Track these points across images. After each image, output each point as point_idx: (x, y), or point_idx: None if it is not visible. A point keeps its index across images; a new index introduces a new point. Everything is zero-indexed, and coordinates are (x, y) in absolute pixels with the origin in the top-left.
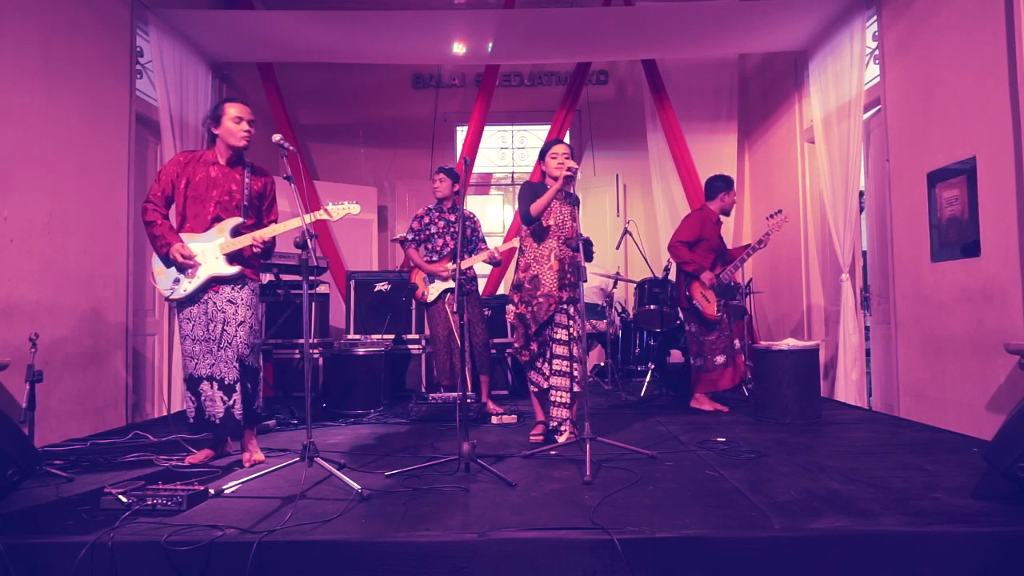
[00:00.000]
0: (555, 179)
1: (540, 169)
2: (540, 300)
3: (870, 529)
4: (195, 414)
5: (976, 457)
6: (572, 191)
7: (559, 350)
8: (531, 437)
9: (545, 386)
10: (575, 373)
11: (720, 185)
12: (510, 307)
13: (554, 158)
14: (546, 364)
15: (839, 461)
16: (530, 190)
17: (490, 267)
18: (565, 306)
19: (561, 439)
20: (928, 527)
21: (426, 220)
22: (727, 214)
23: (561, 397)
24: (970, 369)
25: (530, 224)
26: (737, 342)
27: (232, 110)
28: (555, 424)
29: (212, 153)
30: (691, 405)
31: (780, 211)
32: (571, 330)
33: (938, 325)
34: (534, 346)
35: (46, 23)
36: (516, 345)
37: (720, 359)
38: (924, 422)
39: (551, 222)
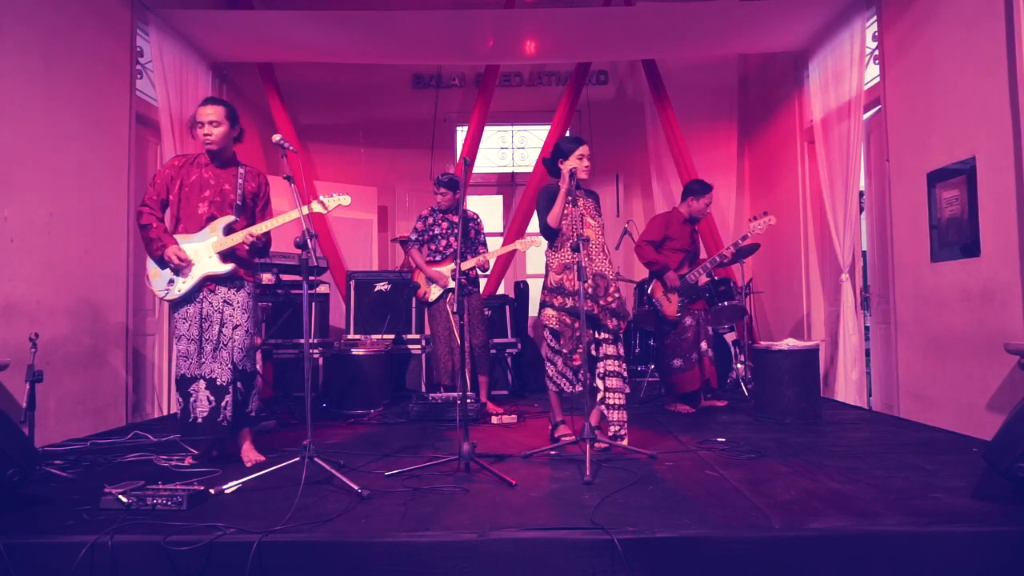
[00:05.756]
0: (571, 179)
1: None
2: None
3: (870, 529)
4: (180, 415)
5: (976, 457)
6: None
7: (609, 350)
8: (563, 439)
9: (576, 389)
10: (623, 373)
11: (694, 188)
12: (549, 311)
13: (581, 159)
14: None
15: (839, 461)
16: (547, 196)
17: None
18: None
19: (623, 443)
20: (928, 527)
21: (430, 221)
22: (695, 221)
23: (618, 399)
24: (970, 369)
25: (550, 236)
26: (704, 344)
27: (197, 116)
28: (616, 429)
29: (206, 155)
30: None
31: (765, 213)
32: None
33: (938, 325)
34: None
35: (46, 23)
36: (565, 350)
37: (677, 362)
38: (924, 422)
39: (563, 226)
